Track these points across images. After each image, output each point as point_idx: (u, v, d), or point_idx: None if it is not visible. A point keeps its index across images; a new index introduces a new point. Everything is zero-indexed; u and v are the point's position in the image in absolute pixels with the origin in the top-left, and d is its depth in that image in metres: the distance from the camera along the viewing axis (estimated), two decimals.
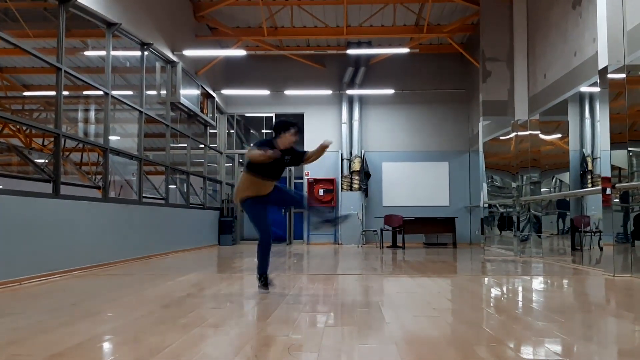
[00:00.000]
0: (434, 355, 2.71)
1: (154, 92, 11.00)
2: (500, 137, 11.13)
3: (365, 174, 15.18)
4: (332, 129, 15.48)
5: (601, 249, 9.20)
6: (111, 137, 8.35)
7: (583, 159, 11.18)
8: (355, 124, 15.33)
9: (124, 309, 4.21)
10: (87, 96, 14.32)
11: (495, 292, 5.45)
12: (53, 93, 6.88)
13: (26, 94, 15.81)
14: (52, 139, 6.91)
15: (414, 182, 15.43)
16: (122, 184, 12.12)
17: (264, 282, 5.08)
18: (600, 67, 6.72)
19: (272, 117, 15.63)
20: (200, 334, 3.22)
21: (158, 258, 9.36)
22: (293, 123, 5.13)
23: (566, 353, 2.81)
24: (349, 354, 2.80)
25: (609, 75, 6.55)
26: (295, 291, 5.19)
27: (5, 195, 5.57)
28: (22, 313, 3.97)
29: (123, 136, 15.10)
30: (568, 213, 9.69)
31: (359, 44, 14.75)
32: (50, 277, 6.10)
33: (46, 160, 10.79)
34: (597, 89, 7.29)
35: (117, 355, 2.81)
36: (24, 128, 16.04)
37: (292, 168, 15.46)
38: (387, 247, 13.49)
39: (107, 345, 3.02)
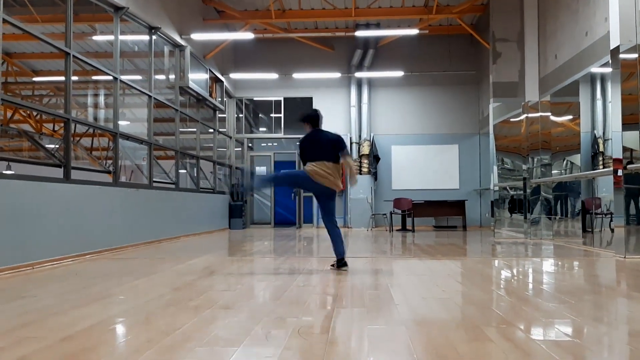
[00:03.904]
0: (444, 337, 2.72)
1: (162, 77, 10.99)
2: (511, 119, 11.05)
3: (374, 157, 15.14)
4: (341, 112, 15.43)
5: (612, 230, 9.16)
6: (121, 122, 8.37)
7: (594, 141, 11.08)
8: (364, 107, 15.26)
9: (136, 292, 4.25)
10: (96, 81, 14.36)
11: (505, 274, 5.45)
12: (62, 78, 6.89)
13: (36, 79, 15.87)
14: (62, 124, 6.94)
15: (423, 165, 15.38)
16: (133, 169, 12.19)
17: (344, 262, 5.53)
18: (611, 47, 6.63)
19: (280, 100, 15.60)
20: (211, 315, 3.25)
21: (169, 242, 9.42)
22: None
23: (576, 334, 2.81)
24: (359, 336, 2.82)
25: (621, 56, 6.46)
26: (306, 273, 5.21)
27: (17, 180, 5.61)
28: (35, 296, 4.02)
29: (133, 121, 15.14)
30: (580, 193, 9.63)
31: (367, 26, 14.63)
32: (63, 261, 6.17)
33: (57, 146, 10.86)
34: (608, 70, 7.20)
35: (129, 337, 2.84)
36: (34, 113, 16.13)
37: None
38: (397, 230, 13.50)
39: (119, 328, 3.05)
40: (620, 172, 6.44)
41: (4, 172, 5.55)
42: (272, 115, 16.00)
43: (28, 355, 2.43)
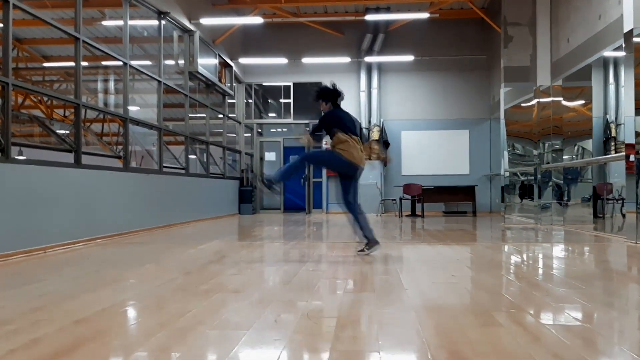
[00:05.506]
0: (453, 322, 2.72)
1: (171, 62, 10.98)
2: (522, 104, 10.95)
3: (384, 143, 15.08)
4: (351, 98, 15.33)
5: (624, 216, 9.10)
6: (130, 108, 8.38)
7: (606, 126, 10.97)
8: (374, 92, 15.18)
9: (146, 276, 4.29)
10: (106, 67, 14.38)
11: (515, 259, 5.43)
12: (72, 64, 6.90)
13: (46, 65, 15.91)
14: (72, 110, 6.97)
15: (433, 151, 15.31)
16: (143, 154, 12.24)
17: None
18: (625, 30, 6.54)
19: (290, 86, 15.55)
20: (222, 299, 3.27)
21: (179, 227, 9.48)
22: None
23: (586, 319, 2.80)
24: (368, 320, 2.83)
25: (635, 39, 6.36)
26: (315, 258, 5.23)
27: (29, 165, 5.66)
28: (47, 280, 4.06)
29: (142, 106, 15.17)
30: (584, 180, 9.56)
31: (377, 10, 14.49)
32: (74, 246, 6.22)
33: (67, 131, 10.90)
34: (621, 54, 7.10)
35: (140, 320, 2.87)
36: (45, 99, 16.19)
37: None
38: (406, 215, 13.49)
39: (130, 311, 3.08)
40: (632, 157, 6.38)
41: (16, 157, 5.59)
42: (282, 100, 15.97)
43: (42, 337, 2.46)
